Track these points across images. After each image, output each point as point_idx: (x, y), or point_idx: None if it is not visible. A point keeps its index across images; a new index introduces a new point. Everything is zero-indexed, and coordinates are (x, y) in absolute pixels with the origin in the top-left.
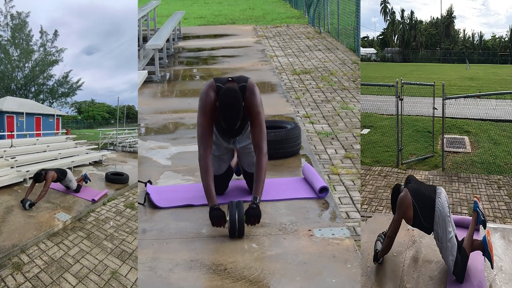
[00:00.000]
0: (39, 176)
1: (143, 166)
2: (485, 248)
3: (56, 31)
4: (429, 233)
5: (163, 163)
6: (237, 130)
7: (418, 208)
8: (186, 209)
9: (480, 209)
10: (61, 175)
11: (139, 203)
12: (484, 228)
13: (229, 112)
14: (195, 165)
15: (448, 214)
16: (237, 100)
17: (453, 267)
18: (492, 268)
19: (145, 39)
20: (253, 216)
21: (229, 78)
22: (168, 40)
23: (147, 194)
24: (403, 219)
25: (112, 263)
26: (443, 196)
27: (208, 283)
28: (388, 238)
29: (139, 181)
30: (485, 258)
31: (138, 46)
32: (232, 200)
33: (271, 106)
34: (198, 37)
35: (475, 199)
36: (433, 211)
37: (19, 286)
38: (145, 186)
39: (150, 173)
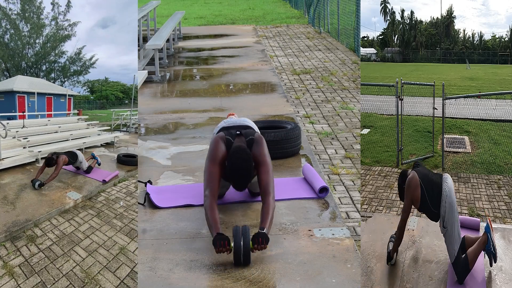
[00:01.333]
0: (51, 161)
1: (143, 166)
2: (488, 245)
3: (69, 2)
4: (436, 220)
5: (163, 163)
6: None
7: (425, 191)
8: (186, 209)
9: (491, 238)
10: (72, 158)
11: (139, 203)
12: (495, 262)
13: (240, 176)
14: (195, 165)
15: (455, 200)
16: (248, 163)
17: (454, 260)
18: (491, 265)
19: (145, 39)
20: (261, 238)
21: (238, 132)
22: (168, 40)
23: (147, 194)
24: (411, 205)
25: (121, 240)
26: (449, 181)
27: (208, 283)
28: (399, 229)
29: (139, 181)
30: (485, 255)
31: (138, 46)
32: (237, 226)
33: (271, 106)
34: (198, 37)
35: (488, 222)
36: (440, 195)
37: (33, 256)
38: (145, 186)
39: (150, 173)
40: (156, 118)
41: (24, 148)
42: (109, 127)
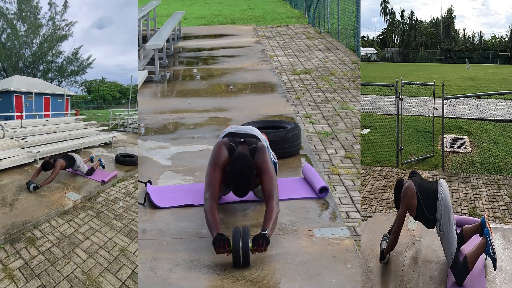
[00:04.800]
0: (48, 165)
1: (143, 166)
2: (487, 247)
3: (66, 2)
4: (432, 227)
5: (163, 163)
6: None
7: (421, 199)
8: (186, 209)
9: (490, 241)
10: (69, 163)
11: (139, 203)
12: (494, 268)
13: (241, 183)
14: (195, 165)
15: (450, 204)
16: (249, 170)
17: (452, 263)
18: (495, 269)
19: (145, 39)
20: (261, 239)
21: (241, 140)
22: (168, 40)
23: (147, 194)
24: (407, 213)
25: (121, 241)
26: (444, 185)
27: (208, 283)
28: (394, 234)
29: (139, 181)
30: (486, 257)
31: (138, 46)
32: (237, 227)
33: (271, 106)
34: (198, 37)
35: (488, 226)
36: (436, 201)
37: (33, 258)
38: (145, 186)
39: (150, 173)
40: (156, 118)
41: (22, 148)
42: (107, 127)
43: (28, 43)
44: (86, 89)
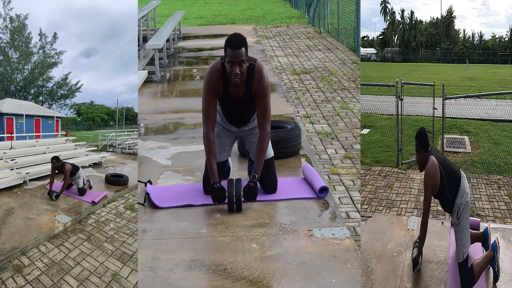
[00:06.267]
0: (57, 159)
1: (143, 166)
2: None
3: (55, 33)
4: (449, 211)
5: (163, 163)
6: (245, 119)
7: (445, 177)
8: (186, 209)
9: (497, 259)
10: (74, 170)
11: (139, 203)
12: (495, 281)
13: (235, 38)
14: (195, 165)
15: (468, 200)
16: (244, 39)
17: (462, 262)
18: (495, 281)
19: (145, 39)
20: (250, 194)
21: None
22: (168, 40)
23: (147, 194)
24: (432, 194)
25: (113, 265)
26: (465, 180)
27: (208, 283)
28: (423, 225)
29: (139, 181)
30: (490, 267)
31: (138, 46)
32: (231, 178)
33: (271, 106)
34: (198, 37)
35: (496, 241)
36: (459, 184)
37: None
38: (145, 186)
39: (150, 173)
40: (156, 118)
41: (11, 170)
42: (96, 148)
43: (19, 69)
44: (75, 111)
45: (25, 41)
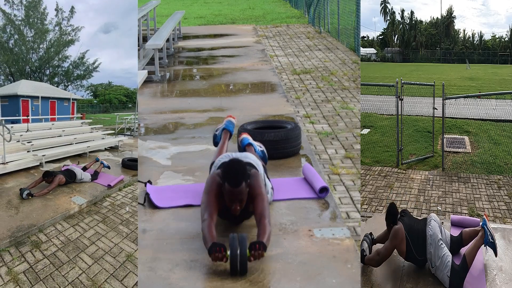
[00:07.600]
0: (49, 175)
1: (143, 166)
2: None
3: (72, 7)
4: (422, 266)
5: (163, 163)
6: (243, 217)
7: (411, 242)
8: (186, 209)
9: (488, 229)
10: (69, 178)
11: (139, 203)
12: (495, 254)
13: (234, 166)
14: (195, 165)
15: (440, 237)
16: (243, 167)
17: (450, 277)
18: (496, 255)
19: (145, 39)
20: (258, 243)
21: None
22: (168, 40)
23: (147, 194)
24: (393, 251)
25: (127, 247)
26: (433, 221)
27: (208, 283)
28: (377, 261)
29: (139, 181)
30: (486, 251)
31: (138, 46)
32: (234, 233)
33: (271, 106)
34: (198, 36)
35: (485, 217)
36: (425, 243)
37: (37, 262)
38: (145, 186)
39: (150, 173)
40: (156, 118)
41: (28, 152)
42: (113, 131)
43: (35, 48)
44: (92, 93)
45: (41, 18)
